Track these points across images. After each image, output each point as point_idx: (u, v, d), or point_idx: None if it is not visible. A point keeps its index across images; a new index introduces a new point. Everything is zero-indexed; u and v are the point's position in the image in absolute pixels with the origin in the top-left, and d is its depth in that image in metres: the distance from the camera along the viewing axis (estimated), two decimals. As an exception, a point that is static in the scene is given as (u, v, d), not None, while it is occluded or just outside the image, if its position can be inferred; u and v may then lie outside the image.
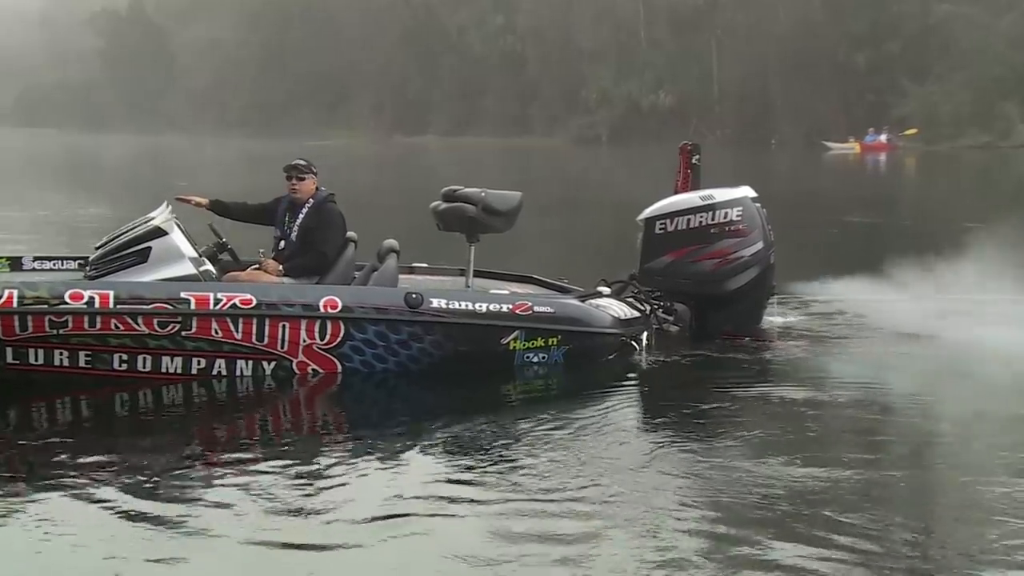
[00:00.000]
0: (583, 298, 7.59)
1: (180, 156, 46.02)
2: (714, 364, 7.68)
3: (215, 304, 6.62)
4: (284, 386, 6.78)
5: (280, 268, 7.23)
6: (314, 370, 6.88)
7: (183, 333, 6.60)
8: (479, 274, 7.87)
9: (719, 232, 8.11)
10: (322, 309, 6.80)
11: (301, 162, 7.48)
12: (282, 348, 6.79)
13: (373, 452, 5.59)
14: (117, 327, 6.51)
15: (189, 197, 7.63)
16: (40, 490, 4.91)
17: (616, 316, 7.51)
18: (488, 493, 4.95)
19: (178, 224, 6.97)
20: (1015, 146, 43.92)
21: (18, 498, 4.83)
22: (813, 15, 53.89)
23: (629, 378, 7.35)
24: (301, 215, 7.39)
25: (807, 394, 6.79)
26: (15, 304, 6.37)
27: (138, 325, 6.53)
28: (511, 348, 7.14)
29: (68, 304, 6.43)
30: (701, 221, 8.12)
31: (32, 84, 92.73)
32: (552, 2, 63.86)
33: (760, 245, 8.21)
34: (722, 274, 8.14)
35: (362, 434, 6.18)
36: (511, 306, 7.15)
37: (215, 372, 6.76)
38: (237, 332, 6.68)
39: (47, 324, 6.44)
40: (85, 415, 6.48)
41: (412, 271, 8.16)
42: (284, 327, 6.76)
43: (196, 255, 6.95)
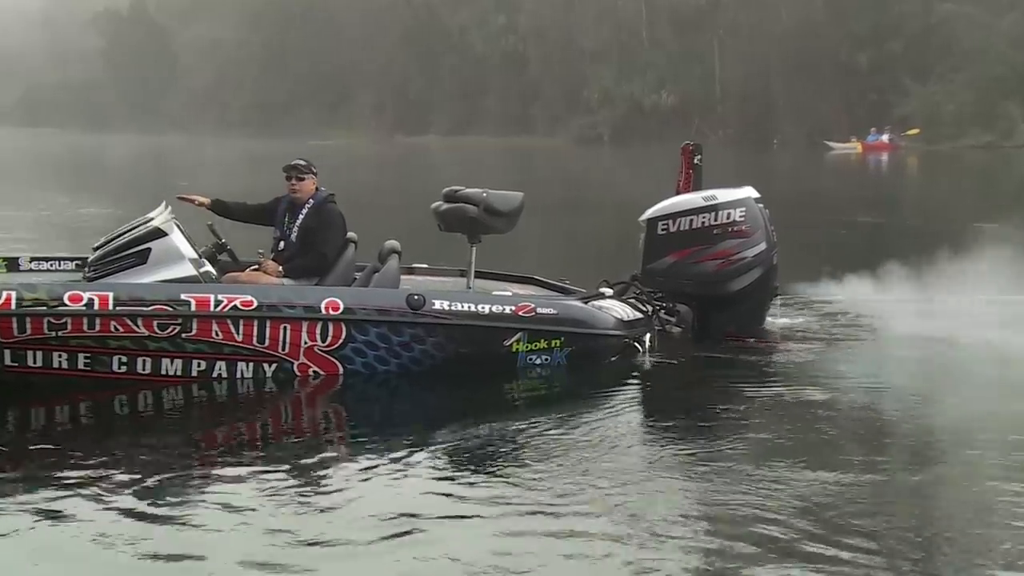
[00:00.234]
0: (585, 299, 7.56)
1: (181, 156, 46.01)
2: (717, 365, 7.66)
3: (216, 306, 6.57)
4: (285, 388, 6.75)
5: (279, 269, 7.19)
6: (315, 372, 6.84)
7: (183, 335, 6.56)
8: (480, 275, 7.83)
9: (722, 233, 8.09)
10: (323, 311, 6.76)
11: (301, 162, 7.45)
12: (283, 350, 6.75)
13: (375, 455, 5.55)
14: (117, 329, 6.47)
15: (191, 197, 7.61)
16: (39, 494, 4.87)
17: (619, 317, 7.48)
18: (491, 496, 4.92)
19: (178, 225, 6.93)
20: (1017, 146, 43.85)
21: (17, 502, 4.79)
22: (815, 15, 53.86)
23: (632, 380, 7.32)
24: (301, 215, 7.35)
25: (810, 395, 6.76)
26: (13, 306, 6.33)
27: (138, 327, 6.49)
28: (514, 350, 7.10)
29: (67, 306, 6.38)
30: (704, 222, 8.09)
31: (34, 84, 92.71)
32: (554, 2, 63.85)
33: (763, 246, 8.19)
34: (725, 275, 8.11)
35: (364, 437, 6.16)
36: (514, 308, 7.11)
37: (215, 374, 6.72)
38: (238, 334, 6.64)
39: (46, 326, 6.39)
40: (84, 418, 6.45)
41: (412, 272, 8.13)
42: (285, 329, 6.72)
43: (196, 256, 6.91)
